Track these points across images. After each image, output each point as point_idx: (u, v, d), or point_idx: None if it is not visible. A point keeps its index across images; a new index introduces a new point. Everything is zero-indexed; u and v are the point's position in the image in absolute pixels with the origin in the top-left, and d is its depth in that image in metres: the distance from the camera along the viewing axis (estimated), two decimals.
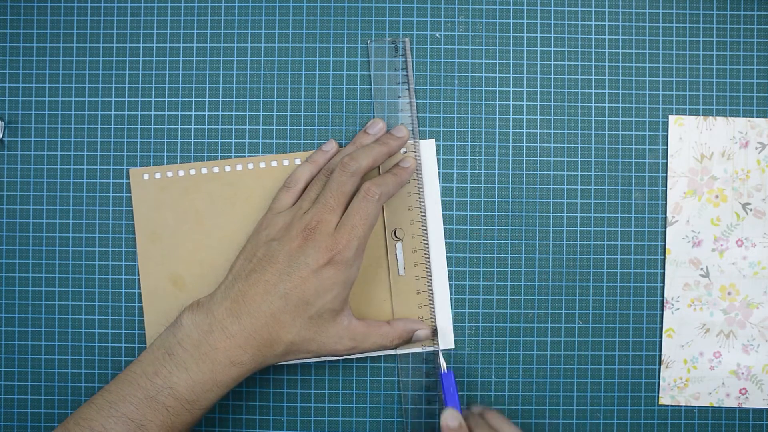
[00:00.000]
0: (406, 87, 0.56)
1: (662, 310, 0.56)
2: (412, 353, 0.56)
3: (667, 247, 0.56)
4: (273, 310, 0.49)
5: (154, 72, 0.56)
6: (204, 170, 0.56)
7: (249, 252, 0.52)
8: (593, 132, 0.56)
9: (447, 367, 0.55)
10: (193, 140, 0.56)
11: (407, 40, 0.56)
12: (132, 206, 0.56)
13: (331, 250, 0.50)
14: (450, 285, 0.56)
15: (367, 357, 0.56)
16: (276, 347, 0.50)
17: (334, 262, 0.50)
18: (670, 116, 0.56)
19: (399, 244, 0.56)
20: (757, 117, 0.56)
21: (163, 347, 0.49)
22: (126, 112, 0.56)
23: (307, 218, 0.51)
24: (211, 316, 0.50)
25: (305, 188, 0.54)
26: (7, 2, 0.56)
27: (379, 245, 0.56)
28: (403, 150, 0.56)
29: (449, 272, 0.56)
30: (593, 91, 0.56)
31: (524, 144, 0.56)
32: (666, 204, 0.56)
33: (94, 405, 0.48)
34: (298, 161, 0.56)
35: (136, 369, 0.49)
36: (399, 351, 0.56)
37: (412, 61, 0.56)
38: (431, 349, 0.56)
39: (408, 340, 0.54)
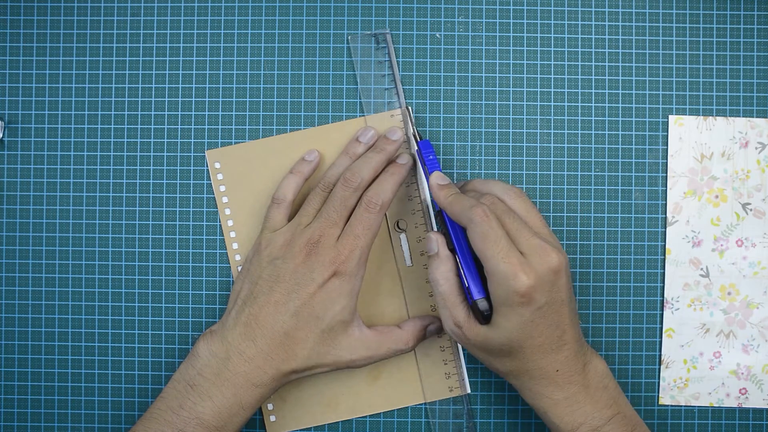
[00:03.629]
0: (392, 78, 0.55)
1: (662, 310, 0.56)
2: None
3: (667, 247, 0.56)
4: (286, 329, 0.50)
5: (154, 72, 0.56)
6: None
7: (253, 274, 0.52)
8: (593, 132, 0.56)
9: (420, 137, 0.54)
10: (192, 140, 0.56)
11: (388, 34, 0.56)
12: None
13: (335, 261, 0.50)
14: None
15: None
16: (293, 364, 0.50)
17: (338, 273, 0.50)
18: (670, 116, 0.56)
19: (403, 236, 0.56)
20: (757, 117, 0.56)
21: (183, 380, 0.50)
22: (126, 112, 0.56)
23: (308, 233, 0.51)
24: (226, 342, 0.50)
25: (294, 201, 0.54)
26: (7, 2, 0.56)
27: (383, 239, 0.56)
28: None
29: None
30: (593, 91, 0.56)
31: (524, 144, 0.56)
32: (666, 204, 0.56)
33: None
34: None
35: (161, 405, 0.49)
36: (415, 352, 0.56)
37: (397, 53, 0.56)
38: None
39: (423, 338, 0.54)
